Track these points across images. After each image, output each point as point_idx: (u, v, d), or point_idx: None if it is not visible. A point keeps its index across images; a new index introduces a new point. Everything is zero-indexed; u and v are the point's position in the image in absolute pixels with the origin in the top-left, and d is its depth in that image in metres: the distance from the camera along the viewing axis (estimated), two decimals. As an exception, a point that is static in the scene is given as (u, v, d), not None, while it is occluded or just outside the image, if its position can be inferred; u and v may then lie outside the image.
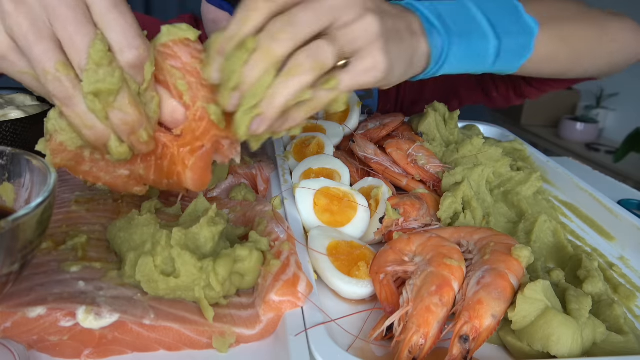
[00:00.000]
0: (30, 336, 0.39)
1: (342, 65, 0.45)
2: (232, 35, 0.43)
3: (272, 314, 0.43)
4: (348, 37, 0.44)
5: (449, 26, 0.53)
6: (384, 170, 0.66)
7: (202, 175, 0.49)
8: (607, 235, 0.64)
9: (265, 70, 0.43)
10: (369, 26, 0.45)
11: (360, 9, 0.45)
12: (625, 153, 2.48)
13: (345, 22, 0.44)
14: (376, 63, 0.46)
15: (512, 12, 0.58)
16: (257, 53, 0.43)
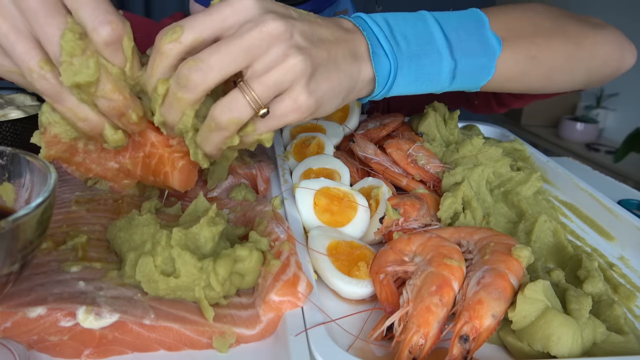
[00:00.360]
0: (30, 336, 0.39)
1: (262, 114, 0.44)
2: (148, 76, 0.43)
3: (272, 314, 0.43)
4: (266, 83, 0.42)
5: (399, 47, 0.50)
6: (384, 170, 0.66)
7: (188, 177, 0.50)
8: (607, 235, 0.64)
9: (182, 114, 0.44)
10: (292, 67, 0.42)
11: (286, 47, 0.42)
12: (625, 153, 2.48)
13: (264, 66, 0.42)
14: (297, 105, 0.44)
15: (475, 30, 0.54)
16: (169, 98, 0.43)
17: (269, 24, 0.41)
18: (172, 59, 0.42)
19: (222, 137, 0.44)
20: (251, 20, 0.42)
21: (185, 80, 0.41)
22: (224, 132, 0.44)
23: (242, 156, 0.66)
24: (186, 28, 0.41)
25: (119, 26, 0.42)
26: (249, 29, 0.41)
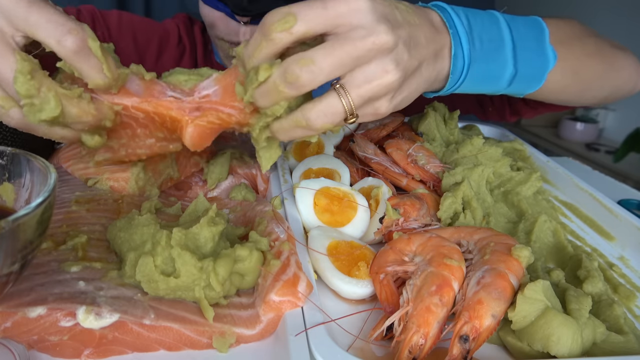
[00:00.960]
0: (30, 336, 0.39)
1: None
2: (249, 55, 0.43)
3: (272, 314, 0.43)
4: (363, 94, 0.43)
5: (475, 48, 0.52)
6: (384, 170, 0.66)
7: (202, 136, 0.49)
8: (607, 235, 0.64)
9: (275, 103, 0.43)
10: (389, 84, 0.43)
11: (388, 61, 0.42)
12: (625, 153, 2.48)
13: (365, 77, 0.42)
14: (377, 113, 0.45)
15: (537, 40, 0.57)
16: (268, 87, 0.42)
17: (381, 36, 0.41)
18: (280, 47, 0.42)
19: (306, 134, 0.45)
20: (364, 27, 0.41)
21: (293, 78, 0.41)
22: (311, 132, 0.44)
23: (242, 156, 0.66)
24: (299, 19, 0.40)
25: (80, 31, 0.41)
26: (362, 37, 0.41)
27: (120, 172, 0.57)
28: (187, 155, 0.65)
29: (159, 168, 0.61)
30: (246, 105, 0.46)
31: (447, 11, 0.52)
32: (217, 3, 0.78)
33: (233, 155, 0.65)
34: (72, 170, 0.59)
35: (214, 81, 0.48)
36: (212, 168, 0.62)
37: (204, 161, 0.65)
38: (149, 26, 0.96)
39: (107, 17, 0.93)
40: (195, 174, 0.65)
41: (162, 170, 0.61)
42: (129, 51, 0.94)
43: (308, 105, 0.43)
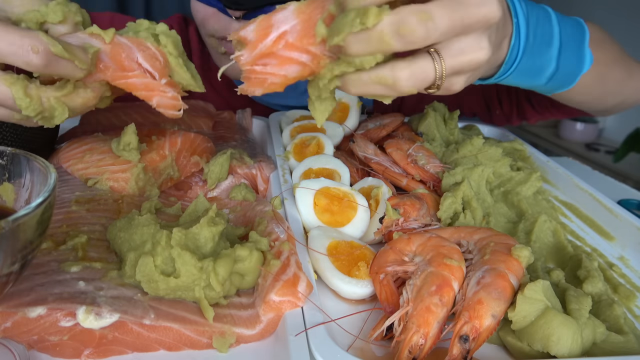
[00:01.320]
0: (30, 336, 0.39)
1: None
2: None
3: (272, 314, 0.43)
4: (456, 65, 0.41)
5: (528, 42, 0.51)
6: (384, 170, 0.66)
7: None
8: (607, 235, 0.64)
9: (372, 54, 0.39)
10: (478, 61, 0.42)
11: (485, 38, 0.41)
12: (625, 153, 2.48)
13: (462, 47, 0.40)
14: (453, 88, 0.44)
15: (579, 42, 0.57)
16: (372, 34, 0.37)
17: (493, 9, 0.39)
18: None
19: (385, 93, 0.41)
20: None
21: (408, 30, 0.37)
22: (392, 92, 0.41)
23: (242, 156, 0.66)
24: None
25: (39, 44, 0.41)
26: (476, 5, 0.39)
27: (120, 172, 0.57)
28: (187, 155, 0.65)
29: (159, 168, 0.61)
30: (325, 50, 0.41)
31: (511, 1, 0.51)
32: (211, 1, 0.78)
33: (233, 155, 0.65)
34: (72, 170, 0.59)
35: (294, 13, 0.41)
36: (212, 168, 0.62)
37: (204, 161, 0.65)
38: None
39: (99, 20, 0.93)
40: (195, 174, 0.65)
41: (162, 170, 0.61)
42: None
43: (400, 64, 0.39)
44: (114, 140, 0.60)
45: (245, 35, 0.42)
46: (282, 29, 0.41)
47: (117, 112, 0.77)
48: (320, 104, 0.45)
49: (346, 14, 0.38)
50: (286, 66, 0.42)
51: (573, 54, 0.57)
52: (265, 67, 0.42)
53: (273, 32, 0.41)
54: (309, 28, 0.41)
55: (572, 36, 0.56)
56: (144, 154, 0.60)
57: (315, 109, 0.45)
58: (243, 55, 0.42)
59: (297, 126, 0.78)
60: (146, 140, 0.63)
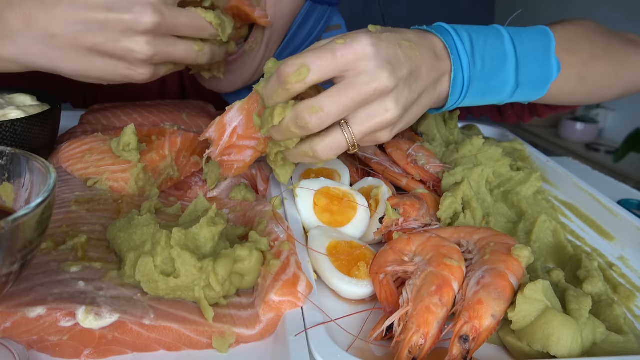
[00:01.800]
0: (30, 336, 0.39)
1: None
2: (267, 96, 0.49)
3: (272, 314, 0.43)
4: (365, 130, 0.48)
5: (476, 68, 0.54)
6: (384, 170, 0.66)
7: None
8: (607, 235, 0.64)
9: (287, 139, 0.50)
10: (389, 120, 0.48)
11: (389, 102, 0.47)
12: (625, 153, 2.48)
13: (367, 115, 0.47)
14: (377, 140, 0.51)
15: (541, 54, 0.59)
16: (281, 127, 0.48)
17: (383, 82, 0.46)
18: (294, 94, 0.47)
19: (312, 161, 0.52)
20: (368, 74, 0.46)
21: (304, 122, 0.46)
22: (316, 160, 0.51)
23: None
24: (312, 70, 0.45)
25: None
26: (366, 83, 0.46)
27: (120, 172, 0.57)
28: (187, 155, 0.65)
29: (159, 168, 0.61)
30: (264, 135, 0.53)
31: (450, 35, 0.54)
32: None
33: (233, 155, 0.65)
34: (72, 170, 0.59)
35: (239, 110, 0.54)
36: (212, 168, 0.62)
37: (203, 161, 0.65)
38: None
39: None
40: (195, 174, 0.65)
41: (162, 170, 0.61)
42: None
43: (316, 140, 0.49)
44: (114, 140, 0.60)
45: (210, 135, 0.56)
46: (233, 126, 0.55)
47: (117, 112, 0.77)
48: (281, 169, 0.56)
49: (265, 111, 0.50)
50: (243, 152, 0.56)
51: (535, 66, 0.58)
52: (230, 156, 0.56)
53: (227, 129, 0.55)
54: (251, 120, 0.53)
55: (531, 49, 0.58)
56: (144, 154, 0.60)
57: (278, 175, 0.56)
58: (212, 152, 0.56)
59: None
60: (146, 140, 0.63)
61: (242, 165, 0.56)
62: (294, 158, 0.52)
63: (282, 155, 0.54)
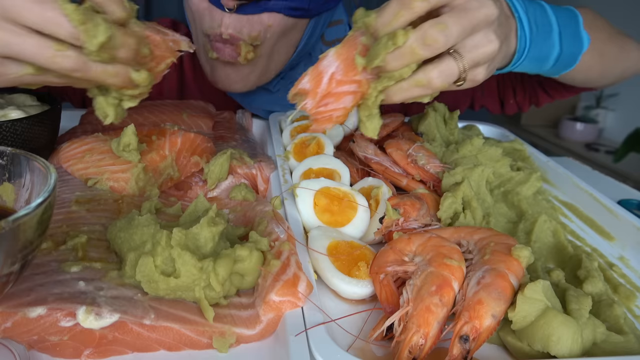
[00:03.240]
0: (30, 336, 0.39)
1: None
2: (384, 23, 0.48)
3: (272, 314, 0.43)
4: (473, 58, 0.50)
5: (532, 31, 0.60)
6: (384, 170, 0.66)
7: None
8: (607, 235, 0.64)
9: (407, 65, 0.48)
10: (492, 52, 0.51)
11: (492, 32, 0.50)
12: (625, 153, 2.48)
13: (475, 43, 0.50)
14: (476, 79, 0.52)
15: (574, 26, 0.66)
16: (404, 50, 0.47)
17: (490, 9, 0.49)
18: (417, 15, 0.47)
19: (424, 93, 0.51)
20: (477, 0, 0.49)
21: (431, 40, 0.46)
22: (429, 91, 0.50)
23: (242, 156, 0.66)
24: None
25: None
26: (476, 9, 0.48)
27: (121, 172, 0.57)
28: (187, 155, 0.65)
29: (159, 168, 0.61)
30: (367, 75, 0.50)
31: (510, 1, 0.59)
32: None
33: (233, 155, 0.65)
34: (72, 171, 0.59)
35: (334, 56, 0.51)
36: (212, 168, 0.62)
37: (204, 161, 0.65)
38: None
39: None
40: (195, 174, 0.65)
41: (162, 170, 0.61)
42: None
43: (429, 67, 0.49)
44: (114, 140, 0.60)
45: (303, 87, 0.52)
46: (329, 72, 0.51)
47: (117, 112, 0.77)
48: (370, 122, 0.53)
49: (379, 41, 0.48)
50: (342, 99, 0.52)
51: (571, 37, 0.65)
52: (327, 106, 0.52)
53: (324, 77, 0.51)
54: (350, 63, 0.51)
55: (567, 22, 0.64)
56: (144, 154, 0.60)
57: (366, 128, 0.53)
58: (307, 103, 0.52)
59: (297, 126, 0.78)
60: (146, 140, 0.63)
61: (342, 113, 0.53)
62: (402, 92, 0.50)
63: (382, 97, 0.51)
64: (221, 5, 0.75)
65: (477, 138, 0.71)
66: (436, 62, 0.49)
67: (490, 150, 0.70)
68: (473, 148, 0.70)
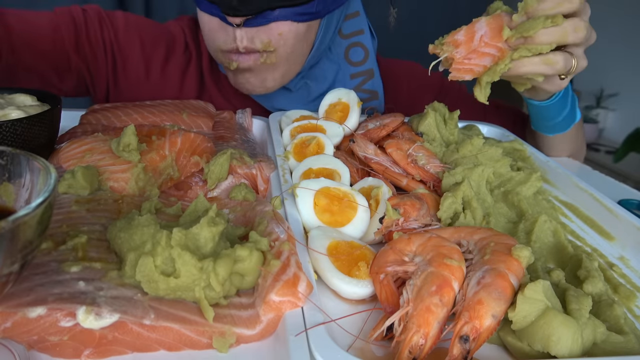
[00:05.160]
0: (30, 336, 0.39)
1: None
2: (546, 7, 0.62)
3: (272, 314, 0.43)
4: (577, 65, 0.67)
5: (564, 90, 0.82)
6: (384, 170, 0.66)
7: None
8: (607, 235, 0.64)
9: (553, 42, 0.62)
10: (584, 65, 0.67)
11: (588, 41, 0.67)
12: (625, 153, 2.48)
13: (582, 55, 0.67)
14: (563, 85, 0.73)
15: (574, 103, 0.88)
16: (558, 29, 0.61)
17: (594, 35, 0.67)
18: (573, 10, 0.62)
19: (546, 71, 0.64)
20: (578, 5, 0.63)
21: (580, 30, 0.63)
22: (550, 71, 0.64)
23: (242, 156, 0.66)
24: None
25: None
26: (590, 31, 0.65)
27: (120, 172, 0.57)
28: (187, 155, 0.65)
29: (159, 168, 0.61)
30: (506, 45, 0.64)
31: None
32: (210, 6, 0.79)
33: (233, 155, 0.65)
34: (72, 170, 0.59)
35: (485, 22, 0.64)
36: (212, 168, 0.62)
37: (204, 161, 0.65)
38: (155, 29, 0.96)
39: (114, 18, 0.93)
40: (195, 174, 0.65)
41: (162, 170, 0.61)
42: (135, 56, 0.93)
43: (557, 53, 0.64)
44: (114, 140, 0.60)
45: (458, 38, 0.64)
46: (480, 34, 0.64)
47: (117, 112, 0.77)
48: (486, 89, 0.67)
49: (535, 18, 0.62)
50: (484, 58, 0.65)
51: (573, 107, 0.86)
52: (470, 60, 0.65)
53: (477, 35, 0.64)
54: (497, 32, 0.64)
55: (573, 98, 0.86)
56: (144, 154, 0.60)
57: (481, 94, 0.67)
58: (459, 52, 0.64)
59: (297, 126, 0.78)
60: (146, 140, 0.63)
61: (481, 69, 0.65)
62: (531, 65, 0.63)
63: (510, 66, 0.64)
64: (229, 22, 0.76)
65: (477, 138, 0.71)
66: (560, 52, 0.63)
67: (490, 150, 0.70)
68: (473, 148, 0.70)
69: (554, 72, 0.64)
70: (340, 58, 0.98)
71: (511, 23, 0.64)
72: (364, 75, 1.00)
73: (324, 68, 0.97)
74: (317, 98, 0.97)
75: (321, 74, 0.97)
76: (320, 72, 0.96)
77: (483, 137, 0.76)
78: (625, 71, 2.57)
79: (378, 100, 1.01)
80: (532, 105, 0.85)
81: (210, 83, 0.99)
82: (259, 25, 0.78)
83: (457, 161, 0.70)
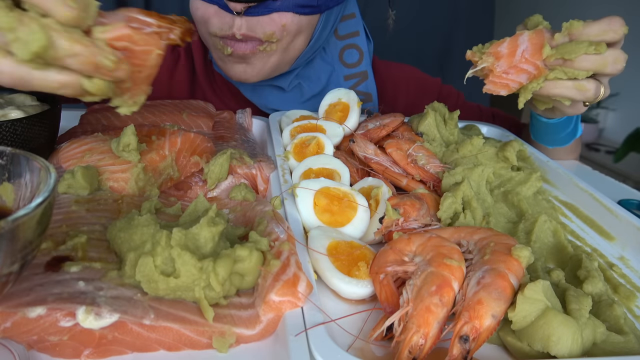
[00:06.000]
0: (30, 336, 0.39)
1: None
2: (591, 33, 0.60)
3: (272, 314, 0.43)
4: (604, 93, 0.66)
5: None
6: (384, 170, 0.66)
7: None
8: (607, 235, 0.64)
9: (590, 69, 0.61)
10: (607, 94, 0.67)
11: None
12: (625, 153, 2.48)
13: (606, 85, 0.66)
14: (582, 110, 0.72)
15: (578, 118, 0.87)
16: (600, 58, 0.60)
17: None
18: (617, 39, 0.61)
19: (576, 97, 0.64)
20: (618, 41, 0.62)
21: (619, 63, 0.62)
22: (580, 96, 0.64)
23: (242, 156, 0.66)
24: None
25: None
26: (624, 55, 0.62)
27: (120, 172, 0.57)
28: (187, 155, 0.65)
29: (159, 168, 0.61)
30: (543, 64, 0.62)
31: None
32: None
33: (233, 155, 0.65)
34: (72, 170, 0.59)
35: (527, 37, 0.62)
36: (212, 168, 0.62)
37: (204, 161, 0.65)
38: None
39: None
40: (195, 174, 0.65)
41: (162, 170, 0.61)
42: None
43: (590, 80, 0.63)
44: (114, 140, 0.60)
45: (501, 50, 0.62)
46: (522, 48, 0.62)
47: (117, 112, 0.76)
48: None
49: (578, 42, 0.60)
50: (521, 75, 0.62)
51: (576, 125, 0.87)
52: (507, 75, 0.62)
53: (519, 49, 0.62)
54: (537, 49, 0.62)
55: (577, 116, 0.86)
56: (144, 154, 0.60)
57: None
58: (500, 65, 0.62)
59: (297, 126, 0.78)
60: (146, 140, 0.63)
61: (516, 86, 0.63)
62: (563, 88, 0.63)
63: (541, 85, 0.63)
64: (229, 9, 0.76)
65: (477, 138, 0.71)
66: (592, 80, 0.63)
67: (490, 150, 0.70)
68: (473, 148, 0.70)
69: (582, 99, 0.64)
70: (335, 59, 0.98)
71: (552, 41, 0.62)
72: (357, 77, 1.00)
73: (317, 69, 0.97)
74: (310, 99, 0.97)
75: (315, 75, 0.97)
76: (314, 73, 0.96)
77: (483, 137, 0.76)
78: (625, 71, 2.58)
79: (372, 103, 1.01)
80: (538, 121, 0.84)
81: (204, 81, 0.99)
82: (260, 14, 0.77)
83: (457, 161, 0.70)
